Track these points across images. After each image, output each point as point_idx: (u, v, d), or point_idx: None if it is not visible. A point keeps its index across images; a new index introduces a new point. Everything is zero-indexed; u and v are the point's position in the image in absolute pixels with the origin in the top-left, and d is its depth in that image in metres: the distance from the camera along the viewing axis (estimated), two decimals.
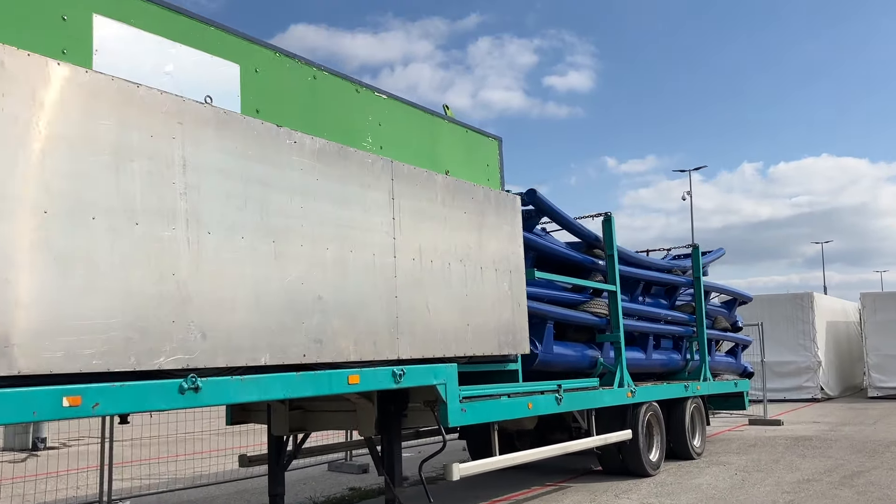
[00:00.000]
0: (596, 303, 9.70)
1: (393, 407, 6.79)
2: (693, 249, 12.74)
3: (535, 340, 8.70)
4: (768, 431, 15.19)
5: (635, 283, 11.31)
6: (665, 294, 12.49)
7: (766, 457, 11.70)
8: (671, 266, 12.36)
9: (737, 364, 14.64)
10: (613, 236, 9.95)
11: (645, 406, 10.19)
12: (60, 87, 4.09)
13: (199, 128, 4.80)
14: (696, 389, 11.82)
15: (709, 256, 14.10)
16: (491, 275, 7.40)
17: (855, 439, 13.62)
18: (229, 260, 4.84)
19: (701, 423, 12.16)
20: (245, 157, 5.07)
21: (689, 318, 12.43)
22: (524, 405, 7.64)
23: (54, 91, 4.06)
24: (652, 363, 11.33)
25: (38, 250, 3.86)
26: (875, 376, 23.23)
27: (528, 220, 9.13)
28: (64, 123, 4.08)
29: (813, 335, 22.80)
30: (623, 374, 9.69)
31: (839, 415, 18.44)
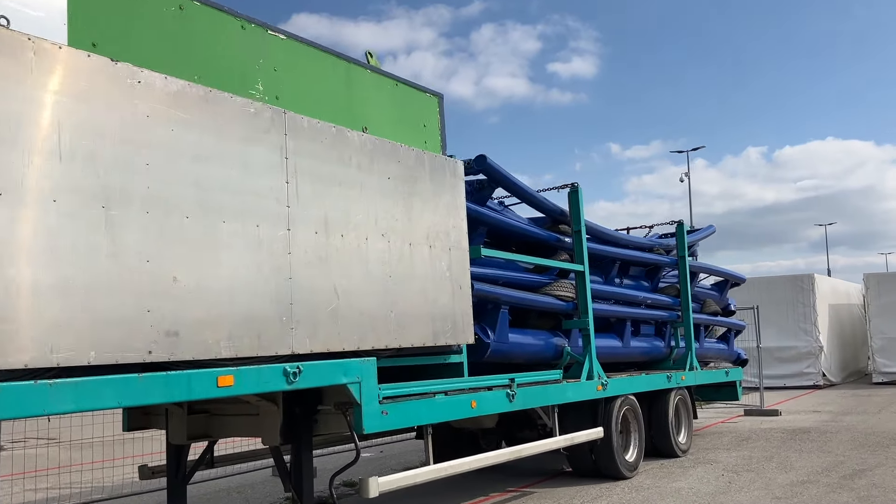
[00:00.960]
0: (561, 285, 8.58)
1: (299, 410, 5.70)
2: (677, 226, 11.60)
3: (487, 328, 7.60)
4: (764, 423, 14.10)
5: (610, 262, 10.19)
6: (646, 275, 11.37)
7: (759, 453, 10.61)
8: (652, 244, 11.23)
9: (729, 351, 13.52)
10: (581, 210, 8.82)
11: (619, 400, 9.08)
12: None
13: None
14: (681, 380, 10.71)
15: (696, 234, 12.97)
16: (423, 252, 6.29)
17: (857, 431, 12.52)
18: (41, 230, 3.74)
19: (687, 416, 11.05)
20: (69, 98, 3.95)
21: (673, 302, 11.31)
22: (466, 404, 6.54)
23: None
24: (630, 351, 10.22)
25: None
26: (879, 361, 22.10)
27: (480, 192, 8.01)
28: None
29: (814, 319, 21.67)
30: (592, 364, 8.58)
31: (841, 403, 17.34)
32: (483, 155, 7.67)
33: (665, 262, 11.24)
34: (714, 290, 13.48)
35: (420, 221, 6.31)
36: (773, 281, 22.69)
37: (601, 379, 8.69)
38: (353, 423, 5.49)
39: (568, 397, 8.12)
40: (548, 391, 7.75)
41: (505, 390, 7.06)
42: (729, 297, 13.91)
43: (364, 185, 5.79)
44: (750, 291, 22.66)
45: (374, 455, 11.71)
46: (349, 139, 5.73)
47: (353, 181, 5.69)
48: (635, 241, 10.80)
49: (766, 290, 22.44)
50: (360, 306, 5.56)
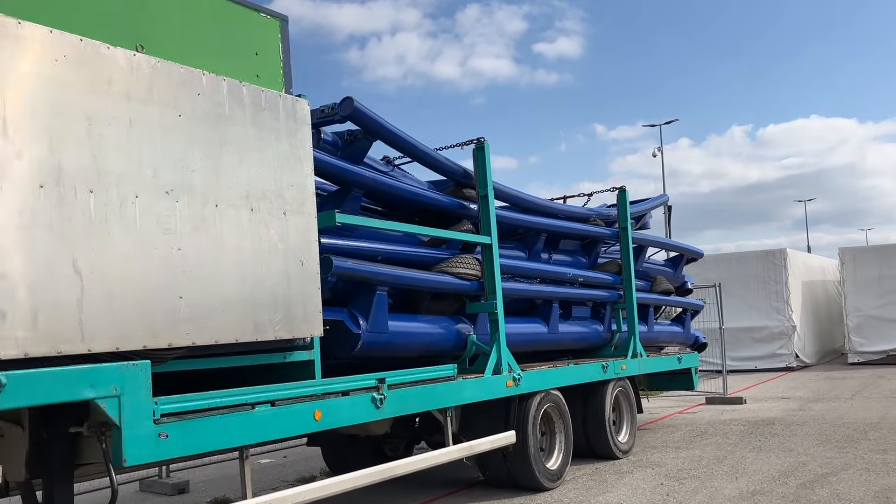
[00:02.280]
0: (462, 261, 7.06)
1: (46, 434, 4.18)
2: (618, 193, 10.11)
3: (359, 315, 6.09)
4: (725, 413, 12.72)
5: (535, 235, 8.68)
6: (584, 250, 9.89)
7: (711, 453, 9.20)
8: (588, 214, 9.74)
9: (685, 334, 12.11)
10: (487, 170, 7.29)
11: (539, 397, 7.62)
12: None
13: None
14: (621, 369, 9.26)
15: (644, 203, 11.50)
16: (240, 217, 4.75)
17: (826, 421, 11.16)
18: None
19: (630, 411, 9.63)
20: None
21: (613, 280, 9.85)
22: (305, 416, 5.02)
23: None
24: (559, 338, 8.75)
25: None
26: (855, 340, 20.84)
27: (353, 145, 6.47)
28: None
29: (786, 297, 20.33)
30: (501, 355, 7.10)
31: (813, 387, 16.02)
32: (349, 98, 6.11)
33: (603, 235, 9.76)
34: (668, 266, 12.04)
35: (235, 176, 4.76)
36: (743, 257, 21.33)
37: (513, 373, 7.21)
38: (111, 452, 3.96)
39: (466, 397, 6.64)
40: (436, 392, 6.24)
41: (370, 394, 5.55)
42: (685, 274, 12.48)
43: (135, 121, 4.23)
44: (720, 268, 21.34)
45: (276, 461, 10.22)
46: (107, 57, 4.15)
47: (114, 116, 4.13)
48: (566, 209, 9.29)
49: (737, 266, 21.11)
50: (121, 290, 4.02)
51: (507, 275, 8.12)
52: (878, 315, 20.56)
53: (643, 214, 11.71)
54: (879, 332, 20.52)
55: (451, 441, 6.48)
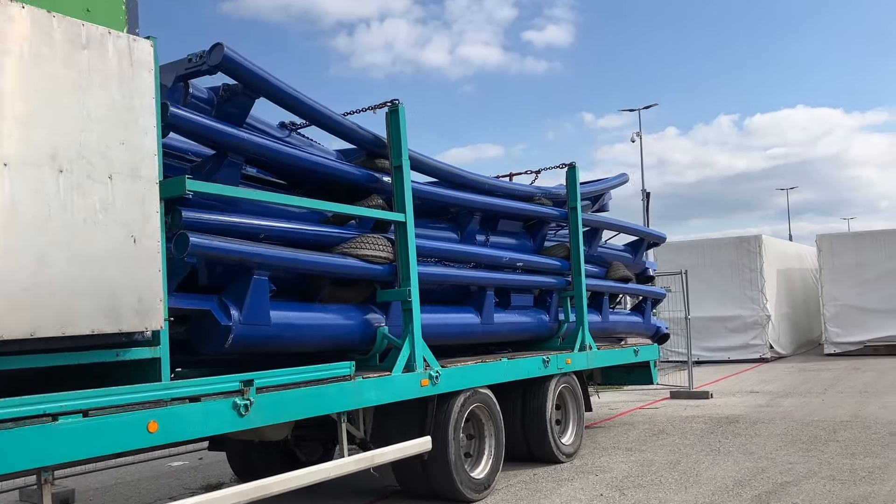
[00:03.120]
0: (369, 241, 6.10)
1: None
2: (567, 170, 9.17)
3: (231, 303, 5.14)
4: (689, 409, 11.88)
5: (468, 214, 7.75)
6: (528, 232, 8.96)
7: (665, 456, 8.34)
8: (532, 192, 8.80)
9: (645, 324, 11.23)
10: (402, 138, 6.33)
11: (463, 397, 6.71)
12: None
13: None
14: (565, 364, 8.36)
15: (599, 183, 10.59)
16: (43, 180, 3.78)
17: (794, 419, 10.33)
18: None
19: (577, 410, 8.74)
20: None
21: (561, 265, 8.93)
22: (134, 429, 4.06)
23: None
24: (494, 329, 7.83)
25: None
26: (832, 330, 20.09)
27: (231, 101, 5.50)
28: None
29: (761, 285, 19.56)
30: (415, 350, 6.17)
31: (785, 380, 15.23)
32: (219, 44, 5.12)
33: (549, 215, 8.83)
34: (627, 250, 11.14)
35: (35, 129, 3.79)
36: (717, 243, 20.52)
37: (429, 370, 6.28)
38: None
39: (367, 399, 5.70)
40: (325, 395, 5.30)
41: (231, 399, 4.60)
42: (646, 260, 11.59)
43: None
44: (693, 254, 20.54)
45: (190, 464, 9.27)
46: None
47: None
48: (505, 187, 8.34)
49: (710, 252, 20.32)
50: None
51: (435, 258, 7.21)
52: (856, 304, 19.81)
53: (600, 195, 10.80)
54: (857, 322, 19.79)
55: (346, 451, 5.54)
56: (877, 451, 8.02)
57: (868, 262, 19.79)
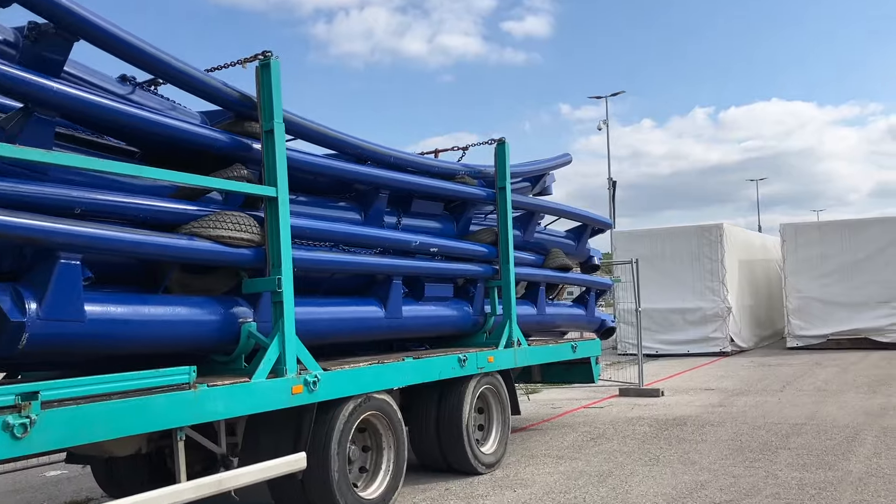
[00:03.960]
0: (226, 220, 5.07)
1: None
2: (496, 146, 8.20)
3: (29, 293, 4.09)
4: (636, 409, 11.02)
5: (373, 192, 6.75)
6: (451, 215, 7.99)
7: (597, 465, 7.44)
8: (453, 170, 7.82)
9: (588, 317, 10.32)
10: (275, 98, 5.30)
11: (351, 405, 5.73)
12: None
13: None
14: (487, 363, 7.42)
15: (537, 163, 9.64)
16: None
17: (746, 421, 9.50)
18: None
19: (501, 413, 7.81)
20: None
21: (488, 252, 7.98)
22: None
23: None
24: (402, 324, 6.84)
25: None
26: (795, 323, 19.43)
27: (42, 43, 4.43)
28: None
29: (722, 276, 18.81)
30: (285, 350, 5.17)
31: (743, 376, 14.45)
32: None
33: (473, 196, 7.86)
34: (569, 237, 10.21)
35: None
36: (677, 232, 19.72)
37: (304, 374, 5.29)
38: None
39: (211, 412, 4.67)
40: (152, 409, 4.27)
41: (2, 417, 3.57)
42: (590, 247, 10.68)
43: None
44: (652, 243, 19.75)
45: (69, 473, 8.20)
46: None
47: None
48: (420, 162, 7.33)
49: (670, 241, 19.55)
50: None
51: (330, 242, 6.21)
52: (820, 297, 19.16)
53: (540, 176, 9.86)
54: (820, 315, 19.14)
55: (182, 474, 4.54)
56: (830, 462, 7.18)
57: (833, 252, 19.12)
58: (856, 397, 11.14)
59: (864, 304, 18.73)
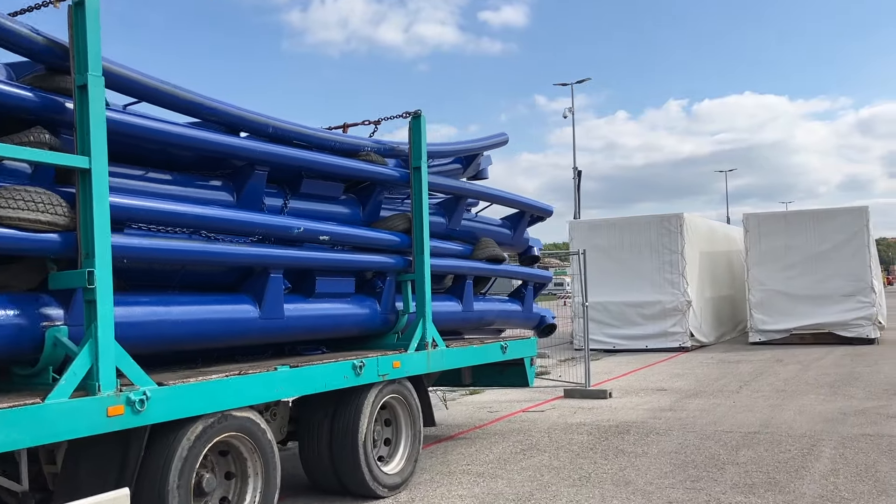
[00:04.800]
0: (19, 197, 4.00)
1: None
2: (412, 120, 7.17)
3: None
4: (579, 413, 10.08)
5: (246, 169, 5.69)
6: (357, 198, 6.96)
7: (519, 486, 6.48)
8: (356, 145, 6.78)
9: (525, 313, 9.36)
10: (91, 43, 4.21)
11: (200, 426, 4.67)
12: None
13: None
14: (392, 368, 6.40)
15: (467, 142, 8.66)
16: None
17: (695, 429, 8.60)
18: None
19: (412, 426, 6.80)
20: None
21: (401, 241, 6.97)
22: None
23: None
24: (283, 325, 5.80)
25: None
26: (757, 317, 18.67)
27: None
28: None
29: (682, 268, 17.96)
30: (99, 361, 4.11)
31: (699, 374, 13.61)
32: None
33: (379, 175, 6.82)
34: (505, 225, 9.22)
35: None
36: (635, 222, 18.84)
37: (129, 390, 4.23)
38: None
39: None
40: None
41: None
42: (530, 237, 9.71)
43: None
44: (609, 233, 18.87)
45: None
46: None
47: None
48: (307, 134, 6.25)
49: (628, 232, 18.66)
50: None
51: (189, 228, 5.15)
52: (783, 290, 18.42)
53: (472, 156, 8.88)
54: (783, 308, 18.40)
55: None
56: (782, 483, 6.28)
57: (797, 244, 18.38)
58: (815, 400, 10.31)
59: (828, 298, 18.02)
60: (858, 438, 7.85)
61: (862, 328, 17.83)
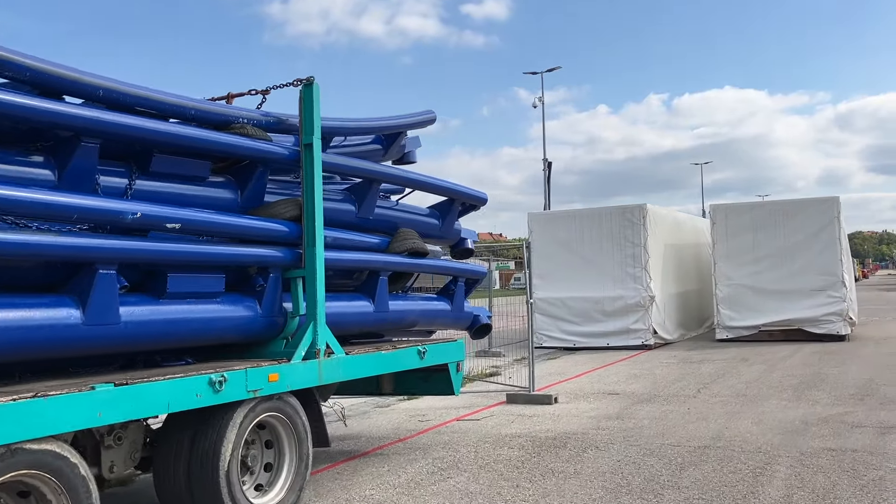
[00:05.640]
0: None
1: None
2: (303, 88, 6.13)
3: None
4: (517, 422, 9.12)
5: (71, 140, 4.63)
6: (235, 180, 5.93)
7: None
8: (227, 117, 5.74)
9: (455, 312, 8.36)
10: None
11: None
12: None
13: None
14: (267, 382, 5.38)
15: (387, 119, 7.64)
16: None
17: (639, 442, 7.67)
18: None
19: (297, 449, 5.78)
20: None
21: (289, 232, 5.96)
22: None
23: None
24: (117, 333, 4.74)
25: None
26: (725, 313, 17.85)
27: None
28: None
29: (644, 261, 17.08)
30: None
31: (658, 375, 12.72)
32: None
33: (258, 152, 5.79)
34: (432, 215, 8.23)
35: None
36: (596, 213, 17.94)
37: None
38: None
39: None
40: None
41: None
42: (462, 228, 8.72)
43: None
44: (569, 225, 17.94)
45: None
46: None
47: None
48: (156, 101, 5.18)
49: (589, 224, 17.76)
50: None
51: None
52: (751, 284, 17.62)
53: (394, 136, 7.87)
54: (751, 304, 17.60)
55: None
56: None
57: (765, 237, 17.59)
58: (777, 406, 9.43)
59: (797, 293, 17.23)
60: (818, 454, 6.96)
61: (832, 324, 17.06)
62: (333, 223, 6.65)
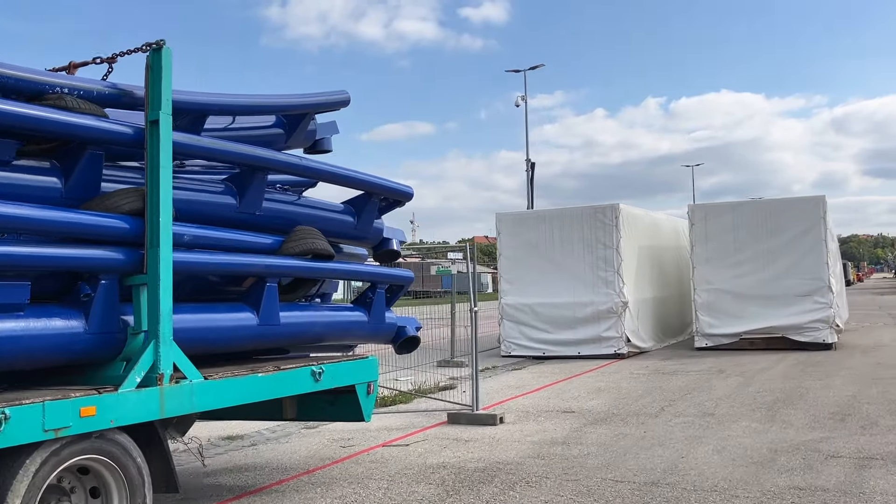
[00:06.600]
0: None
1: None
2: (151, 54, 5.01)
3: None
4: (448, 448, 8.00)
5: None
6: (61, 164, 4.81)
7: None
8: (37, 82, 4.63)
9: (372, 325, 7.23)
10: None
11: None
12: None
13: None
14: (78, 418, 4.26)
15: (283, 96, 6.54)
16: None
17: (578, 476, 6.56)
18: None
19: (128, 499, 4.66)
20: None
21: (129, 228, 4.84)
22: None
23: None
24: None
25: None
26: (704, 320, 16.76)
27: None
28: None
29: (618, 265, 15.97)
30: None
31: (623, 389, 11.61)
32: None
33: (81, 130, 4.68)
34: (347, 211, 7.12)
35: None
36: (566, 214, 16.83)
37: None
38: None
39: None
40: None
41: None
42: (385, 226, 7.61)
43: None
44: (539, 226, 16.84)
45: None
46: None
47: None
48: None
49: (559, 225, 16.67)
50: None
51: None
52: (732, 289, 16.54)
53: (300, 119, 6.77)
54: (732, 310, 16.52)
55: None
56: None
57: (748, 239, 16.51)
58: (745, 429, 8.34)
59: (781, 298, 16.15)
60: (783, 494, 5.86)
61: (818, 332, 15.97)
62: (207, 219, 5.59)
